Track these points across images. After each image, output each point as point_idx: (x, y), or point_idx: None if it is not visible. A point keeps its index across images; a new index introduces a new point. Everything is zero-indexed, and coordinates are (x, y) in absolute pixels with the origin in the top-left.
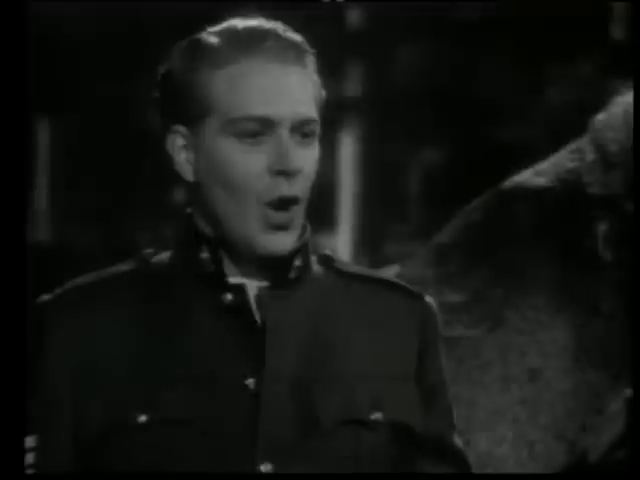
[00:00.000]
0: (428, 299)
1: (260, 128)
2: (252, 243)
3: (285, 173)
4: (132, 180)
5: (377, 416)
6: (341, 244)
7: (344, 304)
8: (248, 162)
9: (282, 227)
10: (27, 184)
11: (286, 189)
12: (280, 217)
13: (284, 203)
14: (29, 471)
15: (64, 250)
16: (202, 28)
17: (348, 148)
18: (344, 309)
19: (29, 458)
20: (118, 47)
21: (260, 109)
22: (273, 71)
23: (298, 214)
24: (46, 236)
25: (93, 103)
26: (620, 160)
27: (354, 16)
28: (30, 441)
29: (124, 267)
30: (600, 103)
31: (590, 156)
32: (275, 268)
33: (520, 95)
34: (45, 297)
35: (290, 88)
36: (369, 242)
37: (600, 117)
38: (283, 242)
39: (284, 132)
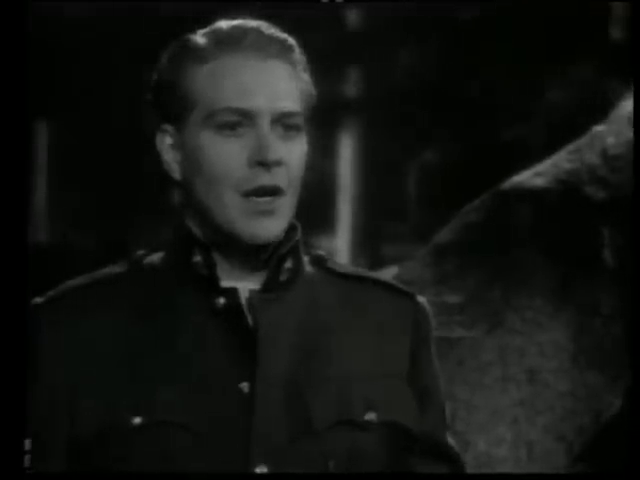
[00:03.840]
0: (420, 299)
1: (239, 120)
2: (238, 232)
3: (264, 164)
4: (131, 181)
5: (371, 416)
6: (340, 245)
7: (337, 305)
8: (228, 153)
9: (266, 213)
10: (26, 185)
11: (266, 179)
12: (262, 204)
13: (265, 192)
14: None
15: (63, 251)
16: (195, 30)
17: (347, 149)
18: (337, 310)
19: (26, 461)
20: (117, 48)
21: (239, 101)
22: (253, 65)
23: (283, 204)
24: (45, 237)
25: (92, 104)
26: (624, 164)
27: (353, 17)
28: (27, 444)
29: (117, 269)
30: (599, 104)
31: (594, 161)
32: (267, 269)
33: (519, 96)
34: (38, 299)
35: (271, 82)
36: (368, 243)
37: (604, 123)
38: (267, 228)
39: (264, 124)
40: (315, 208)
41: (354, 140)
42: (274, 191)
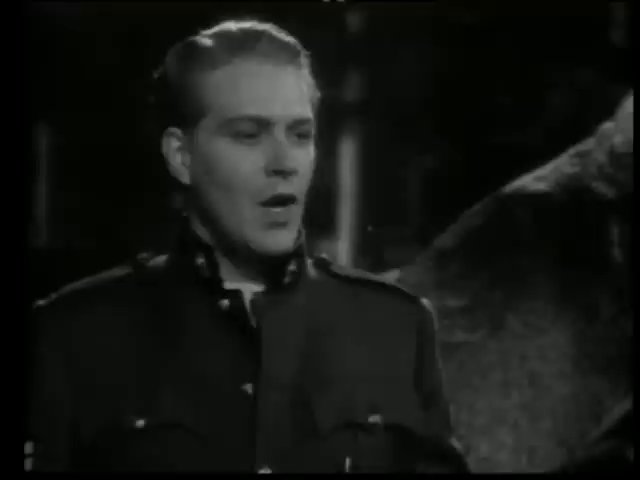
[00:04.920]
0: (425, 301)
1: (256, 128)
2: (250, 243)
3: (281, 173)
4: (132, 184)
5: (375, 419)
6: (341, 248)
7: (340, 307)
8: (244, 162)
9: (280, 224)
10: (26, 188)
11: (283, 188)
12: (278, 215)
13: (281, 201)
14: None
15: (63, 254)
16: (197, 31)
17: (348, 152)
18: (340, 312)
19: (26, 465)
20: (118, 50)
21: (254, 109)
22: (266, 71)
23: (296, 213)
24: (45, 240)
25: (93, 107)
26: (631, 162)
27: (354, 19)
28: (25, 448)
29: (119, 272)
30: (600, 107)
31: (601, 159)
32: (270, 272)
33: (520, 100)
34: (40, 302)
35: (284, 88)
36: (369, 246)
37: (610, 121)
38: (281, 240)
39: (280, 132)
40: (316, 211)
41: (355, 143)
42: (290, 200)
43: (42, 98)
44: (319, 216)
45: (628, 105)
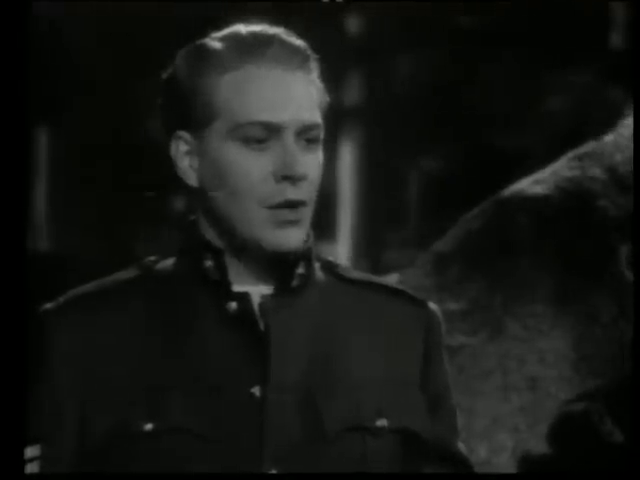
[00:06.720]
0: (432, 305)
1: (266, 134)
2: (261, 241)
3: (291, 178)
4: (132, 188)
5: (382, 422)
6: (340, 252)
7: (348, 310)
8: (253, 167)
9: (291, 222)
10: (26, 192)
11: (292, 193)
12: (288, 214)
13: (291, 206)
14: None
15: (63, 258)
16: (206, 33)
17: (347, 156)
18: (348, 315)
19: (33, 467)
20: (119, 53)
21: (265, 115)
22: (277, 76)
23: (306, 215)
24: (45, 244)
25: (93, 110)
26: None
27: (354, 23)
28: (33, 450)
29: (127, 275)
30: (600, 111)
31: (602, 177)
32: (279, 274)
33: (519, 103)
34: (48, 305)
35: (294, 94)
36: (368, 250)
37: (608, 139)
38: (292, 237)
39: (289, 137)
40: (316, 214)
41: (355, 147)
42: (300, 204)
43: (42, 100)
44: (318, 219)
45: (627, 125)
